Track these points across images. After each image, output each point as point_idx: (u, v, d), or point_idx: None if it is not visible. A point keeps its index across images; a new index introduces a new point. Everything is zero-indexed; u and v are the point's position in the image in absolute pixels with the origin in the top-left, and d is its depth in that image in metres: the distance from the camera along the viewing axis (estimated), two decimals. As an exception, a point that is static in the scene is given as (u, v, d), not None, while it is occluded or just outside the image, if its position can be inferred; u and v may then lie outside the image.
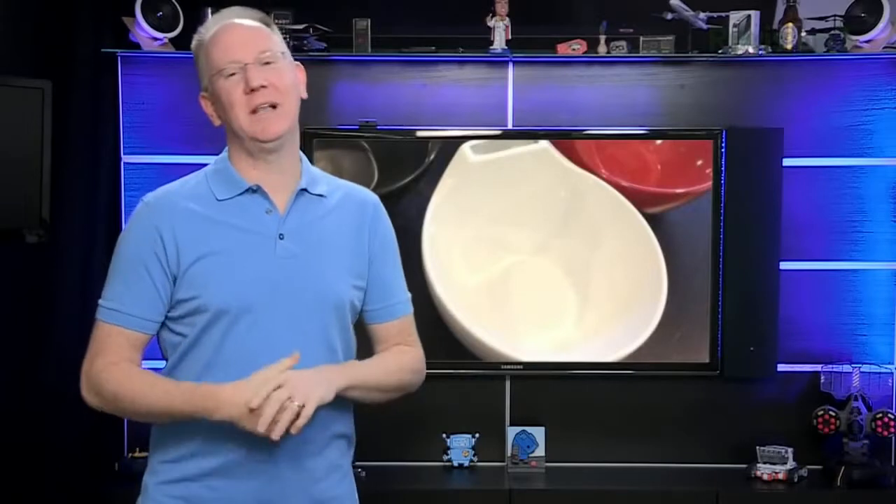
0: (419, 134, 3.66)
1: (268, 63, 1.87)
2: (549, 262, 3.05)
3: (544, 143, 2.96)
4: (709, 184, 3.33)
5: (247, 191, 1.91)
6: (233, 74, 1.86)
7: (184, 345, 1.89)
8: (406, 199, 3.04)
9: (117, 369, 1.86)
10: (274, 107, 1.87)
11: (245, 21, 1.91)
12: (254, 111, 1.86)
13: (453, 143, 3.10)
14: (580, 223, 3.03)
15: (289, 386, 1.74)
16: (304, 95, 1.97)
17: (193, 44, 1.95)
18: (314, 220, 1.93)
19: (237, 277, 1.86)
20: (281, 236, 1.90)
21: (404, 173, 2.97)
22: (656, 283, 3.02)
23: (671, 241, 3.06)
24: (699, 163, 3.06)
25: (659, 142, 3.14)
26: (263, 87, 1.85)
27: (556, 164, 3.01)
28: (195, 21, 3.55)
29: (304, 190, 1.94)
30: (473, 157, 2.96)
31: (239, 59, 1.86)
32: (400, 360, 2.03)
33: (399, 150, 2.94)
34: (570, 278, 3.08)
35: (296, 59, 1.97)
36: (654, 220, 3.01)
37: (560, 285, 3.04)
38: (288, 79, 1.90)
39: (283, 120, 1.88)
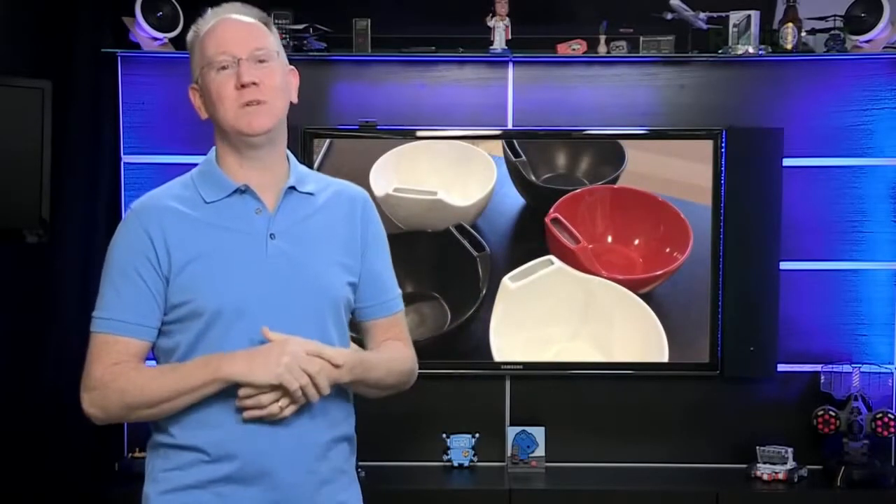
0: (419, 134, 3.67)
1: (261, 61, 1.86)
2: (582, 343, 3.73)
3: (559, 263, 3.69)
4: (682, 257, 3.70)
5: (235, 192, 1.89)
6: (224, 68, 1.85)
7: (180, 350, 1.86)
8: (474, 324, 3.72)
9: (120, 367, 1.83)
10: (261, 103, 1.86)
11: (243, 17, 1.91)
12: (241, 107, 1.85)
13: (497, 277, 3.70)
14: (597, 311, 3.72)
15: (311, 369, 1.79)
16: (295, 100, 1.96)
17: (189, 35, 1.94)
18: (304, 218, 1.92)
19: (230, 279, 1.84)
20: (272, 236, 1.88)
21: (468, 307, 3.71)
22: (658, 341, 3.71)
23: (665, 311, 3.71)
24: (667, 249, 3.70)
25: (637, 239, 3.74)
26: (254, 83, 1.84)
27: (571, 275, 3.70)
28: (195, 21, 3.57)
29: (293, 188, 1.92)
30: (512, 285, 3.69)
31: (233, 53, 1.84)
32: (395, 359, 2.01)
33: (461, 290, 3.72)
34: (598, 351, 3.73)
35: (296, 59, 1.96)
36: (647, 297, 3.70)
37: (592, 357, 3.73)
38: (279, 78, 1.89)
39: (268, 116, 1.87)
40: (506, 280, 3.68)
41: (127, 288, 1.85)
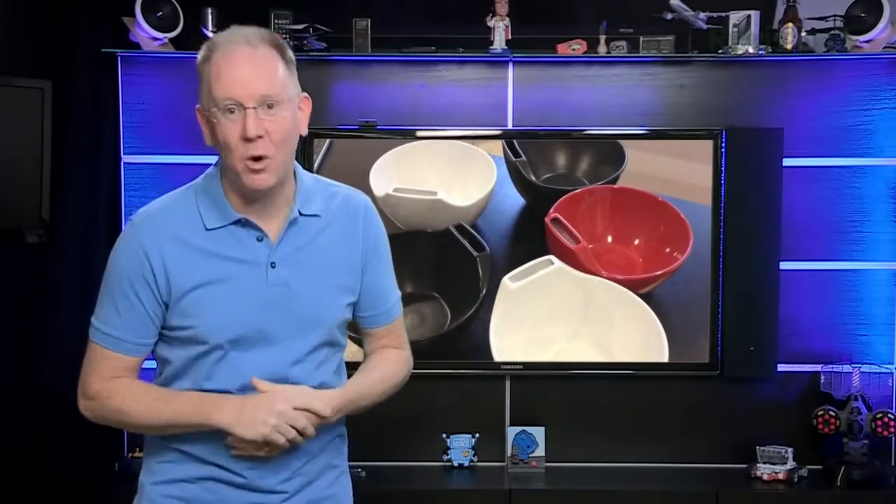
0: (419, 134, 3.67)
1: (270, 106, 1.79)
2: (582, 343, 3.73)
3: (559, 263, 3.68)
4: (682, 257, 3.70)
5: (236, 221, 1.87)
6: (231, 111, 1.79)
7: (176, 365, 1.89)
8: (474, 324, 3.73)
9: (118, 384, 1.87)
10: (265, 159, 1.80)
11: (256, 48, 1.81)
12: (245, 159, 1.80)
13: (497, 277, 3.69)
14: (597, 311, 3.72)
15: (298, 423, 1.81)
16: (304, 132, 1.90)
17: (200, 56, 1.85)
18: (307, 244, 1.90)
19: (230, 309, 1.84)
20: (273, 265, 1.87)
21: (468, 307, 3.71)
22: (658, 341, 3.71)
23: (665, 311, 3.71)
24: (667, 249, 3.70)
25: (637, 239, 3.72)
26: (260, 137, 1.79)
27: (571, 275, 3.70)
28: (195, 21, 3.57)
29: (297, 215, 1.90)
30: (512, 285, 3.69)
31: (240, 101, 1.78)
32: (387, 378, 2.02)
33: (461, 290, 3.72)
34: (598, 351, 3.73)
35: (296, 59, 1.91)
36: (647, 297, 3.70)
37: (592, 357, 3.73)
38: (287, 126, 1.82)
39: (273, 173, 1.82)
40: (506, 280, 3.68)
41: (124, 306, 1.86)
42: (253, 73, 1.79)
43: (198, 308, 1.84)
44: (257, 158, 1.80)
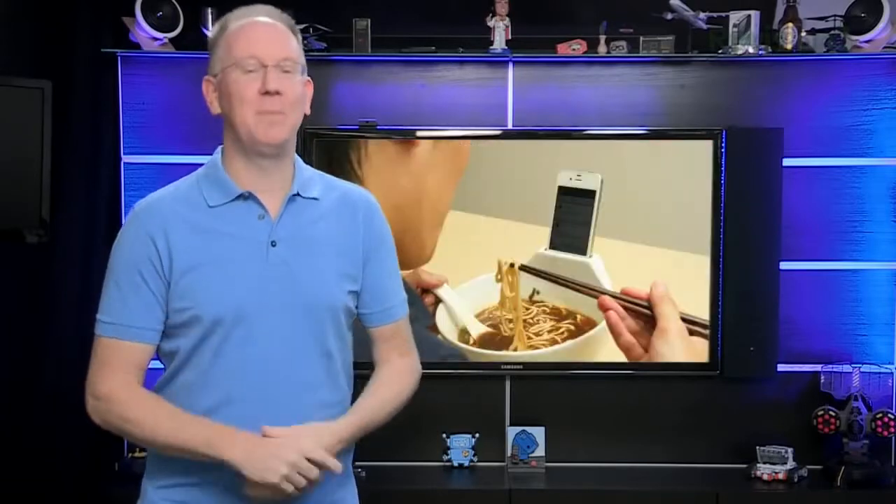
0: (419, 134, 3.67)
1: (286, 71, 1.87)
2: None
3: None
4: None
5: (238, 197, 1.89)
6: (251, 71, 1.85)
7: (180, 355, 1.88)
8: None
9: (126, 394, 1.85)
10: (280, 114, 1.87)
11: (277, 23, 1.91)
12: (260, 113, 1.85)
13: None
14: None
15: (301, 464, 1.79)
16: (308, 112, 1.96)
17: (215, 28, 1.93)
18: (307, 225, 1.91)
19: (230, 287, 1.84)
20: (273, 243, 1.87)
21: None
22: None
23: None
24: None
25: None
26: (278, 93, 1.85)
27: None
28: (195, 21, 3.57)
29: (297, 194, 1.92)
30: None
31: (261, 59, 1.85)
32: (394, 398, 2.04)
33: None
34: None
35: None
36: None
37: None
38: (298, 91, 1.90)
39: (285, 127, 1.88)
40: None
41: (131, 292, 1.85)
42: (273, 37, 1.89)
43: (197, 286, 1.84)
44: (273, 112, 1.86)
